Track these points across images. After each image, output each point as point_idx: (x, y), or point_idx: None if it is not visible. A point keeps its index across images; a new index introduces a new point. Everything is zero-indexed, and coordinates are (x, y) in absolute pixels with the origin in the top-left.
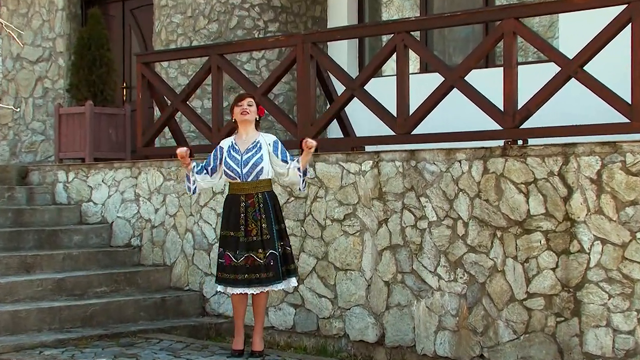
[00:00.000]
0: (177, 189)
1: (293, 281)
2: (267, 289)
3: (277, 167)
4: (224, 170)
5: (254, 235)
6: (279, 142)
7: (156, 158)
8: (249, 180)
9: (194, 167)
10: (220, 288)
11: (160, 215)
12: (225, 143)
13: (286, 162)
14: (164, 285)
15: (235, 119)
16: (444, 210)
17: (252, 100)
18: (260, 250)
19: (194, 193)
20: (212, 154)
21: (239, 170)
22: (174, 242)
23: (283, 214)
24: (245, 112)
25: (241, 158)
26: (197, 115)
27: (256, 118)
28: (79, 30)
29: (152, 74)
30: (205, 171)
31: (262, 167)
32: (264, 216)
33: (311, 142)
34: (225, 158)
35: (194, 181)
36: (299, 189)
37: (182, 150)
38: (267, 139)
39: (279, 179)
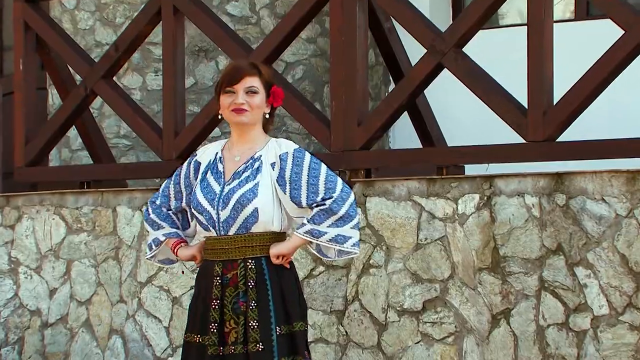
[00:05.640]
0: (96, 248)
1: None
2: None
3: (289, 207)
4: (192, 212)
5: (232, 343)
6: (307, 156)
7: (53, 189)
8: (229, 232)
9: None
10: None
11: (61, 302)
12: (205, 155)
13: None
14: None
15: (221, 114)
16: (625, 293)
17: (257, 81)
18: None
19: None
20: (175, 176)
21: (212, 211)
22: (88, 354)
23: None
24: (240, 110)
25: (221, 189)
26: (135, 104)
27: (264, 114)
28: None
29: (44, 24)
30: (171, 217)
31: (256, 209)
32: (254, 305)
33: (277, 252)
34: (198, 185)
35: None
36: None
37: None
38: (274, 153)
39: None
